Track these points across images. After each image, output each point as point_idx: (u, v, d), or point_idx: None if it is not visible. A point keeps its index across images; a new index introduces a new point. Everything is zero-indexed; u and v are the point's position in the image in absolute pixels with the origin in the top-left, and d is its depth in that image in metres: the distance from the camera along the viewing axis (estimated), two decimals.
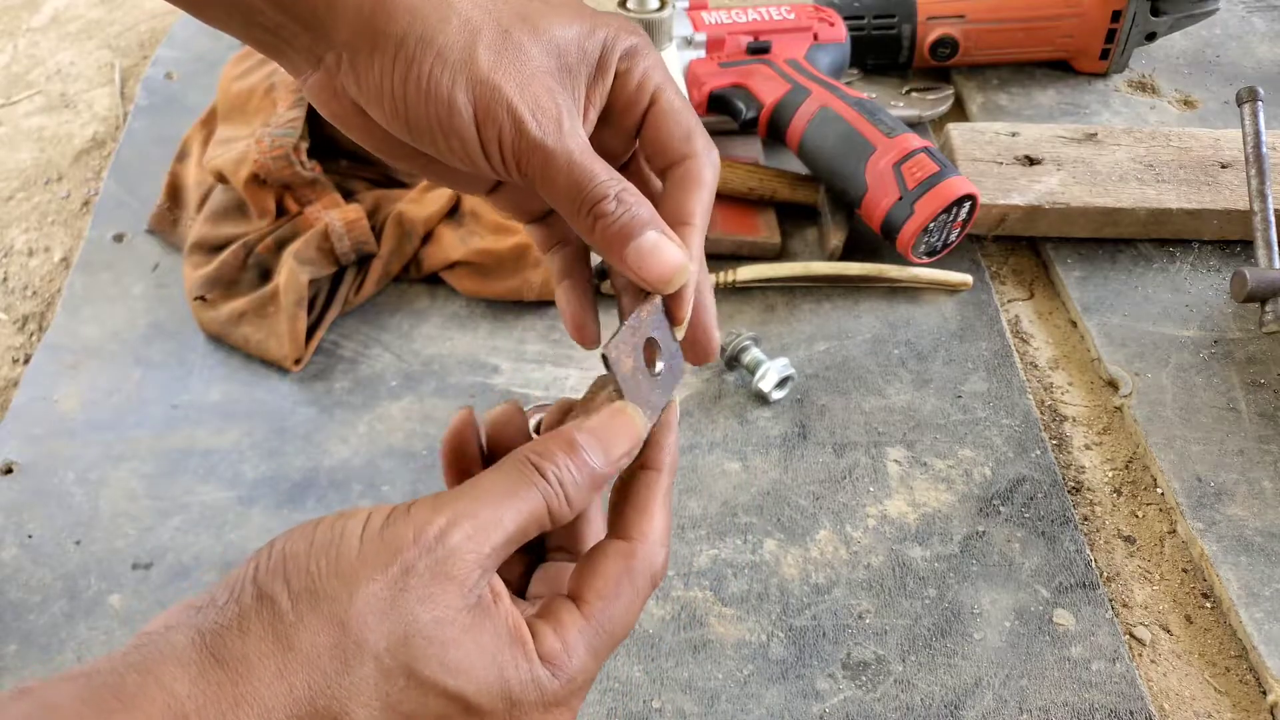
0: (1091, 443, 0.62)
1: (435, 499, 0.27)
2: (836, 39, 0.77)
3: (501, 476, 0.28)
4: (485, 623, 0.26)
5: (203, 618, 0.25)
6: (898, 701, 0.49)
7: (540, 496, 0.27)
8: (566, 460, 0.28)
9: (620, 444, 0.29)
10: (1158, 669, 0.51)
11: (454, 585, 0.26)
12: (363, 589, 0.25)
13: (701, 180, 0.31)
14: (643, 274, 0.29)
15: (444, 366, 0.63)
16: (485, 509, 0.27)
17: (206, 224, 0.67)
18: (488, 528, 0.26)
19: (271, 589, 0.25)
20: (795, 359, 0.64)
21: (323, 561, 0.25)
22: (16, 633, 0.50)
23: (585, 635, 0.28)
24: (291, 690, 0.24)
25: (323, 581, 0.25)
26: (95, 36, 0.93)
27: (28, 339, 0.67)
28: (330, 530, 0.26)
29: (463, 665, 0.26)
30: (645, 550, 0.29)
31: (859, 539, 0.55)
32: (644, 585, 0.29)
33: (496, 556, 0.27)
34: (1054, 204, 0.70)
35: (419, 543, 0.25)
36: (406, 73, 0.28)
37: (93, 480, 0.57)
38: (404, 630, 0.25)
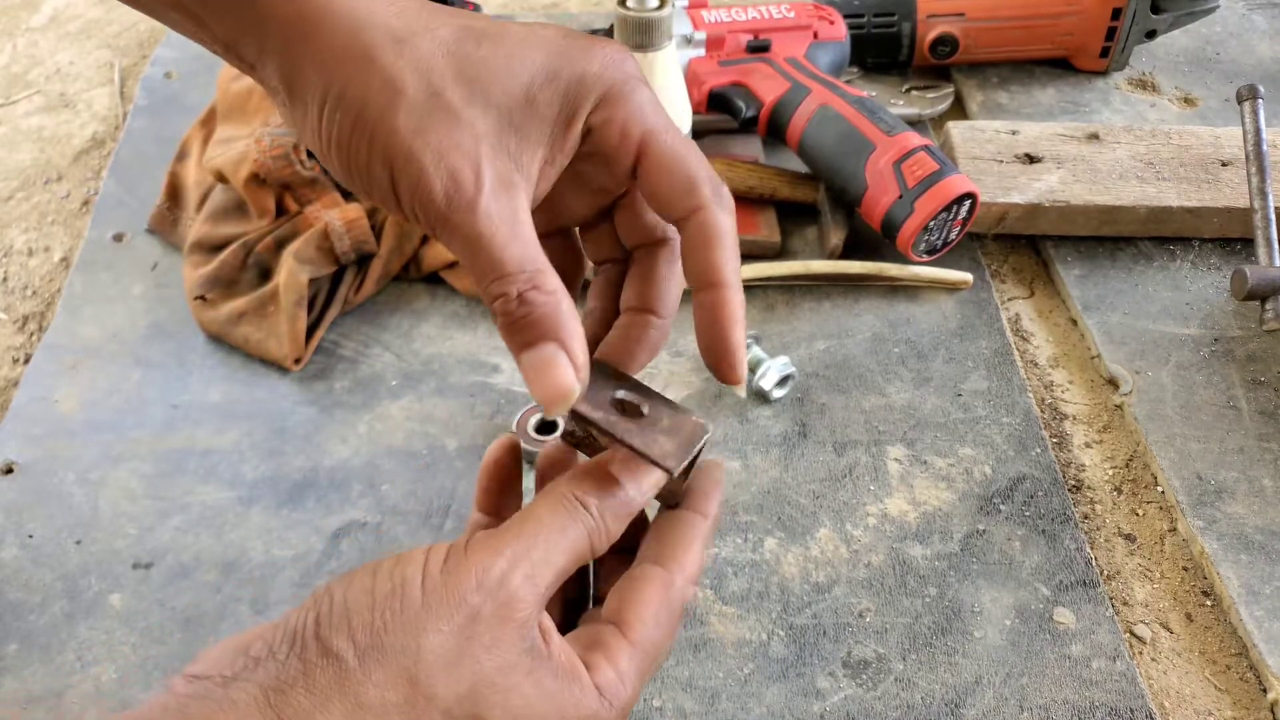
0: (1092, 441, 0.62)
1: (491, 538, 0.27)
2: (836, 37, 0.77)
3: (549, 513, 0.28)
4: (543, 664, 0.27)
5: (264, 673, 0.24)
6: (898, 700, 0.49)
7: (586, 532, 0.28)
8: (606, 491, 0.29)
9: (650, 475, 0.30)
10: (1158, 667, 0.51)
11: (515, 629, 0.26)
12: (430, 641, 0.25)
13: (719, 232, 0.29)
14: (529, 387, 0.27)
15: (444, 366, 0.63)
16: (539, 548, 0.27)
17: (206, 224, 0.67)
18: (542, 567, 0.27)
19: (336, 645, 0.25)
20: (795, 357, 0.64)
21: (387, 614, 0.25)
22: (17, 632, 0.50)
23: (634, 661, 0.29)
24: None
25: (389, 636, 0.25)
26: (94, 36, 0.93)
27: (28, 339, 0.67)
28: (390, 579, 0.26)
29: (525, 710, 0.26)
30: (683, 581, 0.30)
31: (859, 537, 0.55)
32: (677, 612, 0.30)
33: (549, 592, 0.27)
34: (1054, 202, 0.70)
35: (483, 588, 0.26)
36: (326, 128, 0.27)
37: (93, 480, 0.57)
38: (471, 680, 0.25)
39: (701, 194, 0.29)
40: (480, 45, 0.27)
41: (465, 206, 0.26)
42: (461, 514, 0.56)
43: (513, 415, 0.59)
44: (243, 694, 0.24)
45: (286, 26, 0.26)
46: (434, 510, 0.56)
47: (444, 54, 0.27)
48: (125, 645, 0.50)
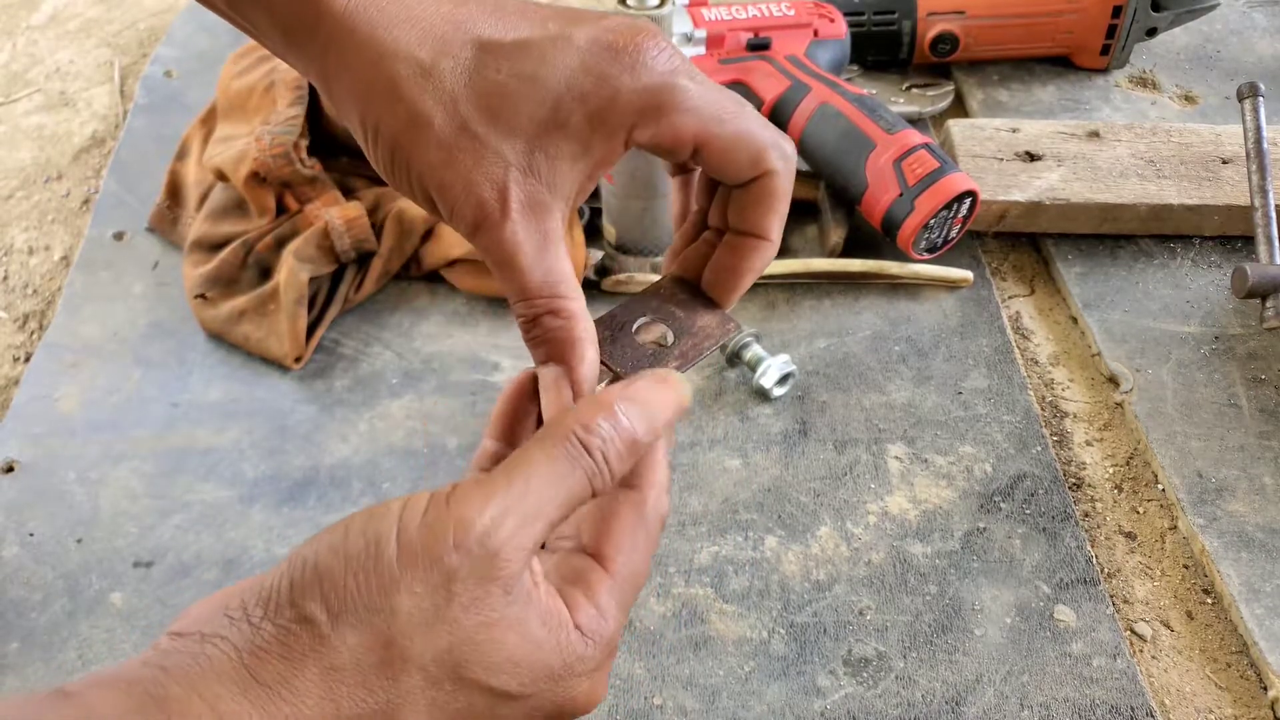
0: (1092, 439, 0.62)
1: (477, 488, 0.25)
2: (836, 35, 0.76)
3: (547, 459, 0.26)
4: (528, 612, 0.26)
5: (238, 633, 0.24)
6: (899, 698, 0.49)
7: (585, 477, 0.26)
8: (612, 433, 0.27)
9: (666, 412, 0.28)
10: (1158, 665, 0.51)
11: (498, 587, 0.25)
12: (404, 602, 0.24)
13: (780, 196, 0.30)
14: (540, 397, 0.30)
15: (444, 364, 0.63)
16: (530, 498, 0.25)
17: (206, 222, 0.67)
18: (533, 519, 0.25)
19: (309, 609, 0.24)
20: (796, 356, 0.64)
21: (360, 575, 0.24)
22: (18, 631, 0.50)
23: (614, 594, 0.28)
24: (338, 710, 0.24)
25: (362, 597, 0.24)
26: (94, 35, 0.93)
27: (28, 337, 0.67)
28: (363, 537, 0.25)
29: (507, 663, 0.25)
30: (654, 496, 0.29)
31: (860, 536, 0.55)
32: (655, 531, 0.29)
33: (538, 544, 0.26)
34: (1054, 200, 0.70)
35: (461, 547, 0.24)
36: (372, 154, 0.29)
37: (93, 479, 0.57)
38: (449, 639, 0.24)
39: (766, 161, 0.30)
40: (501, 68, 0.28)
41: (492, 232, 0.28)
42: None
43: None
44: (217, 652, 0.24)
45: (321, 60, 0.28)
46: None
47: (466, 82, 0.27)
48: (126, 643, 0.50)
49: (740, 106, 0.30)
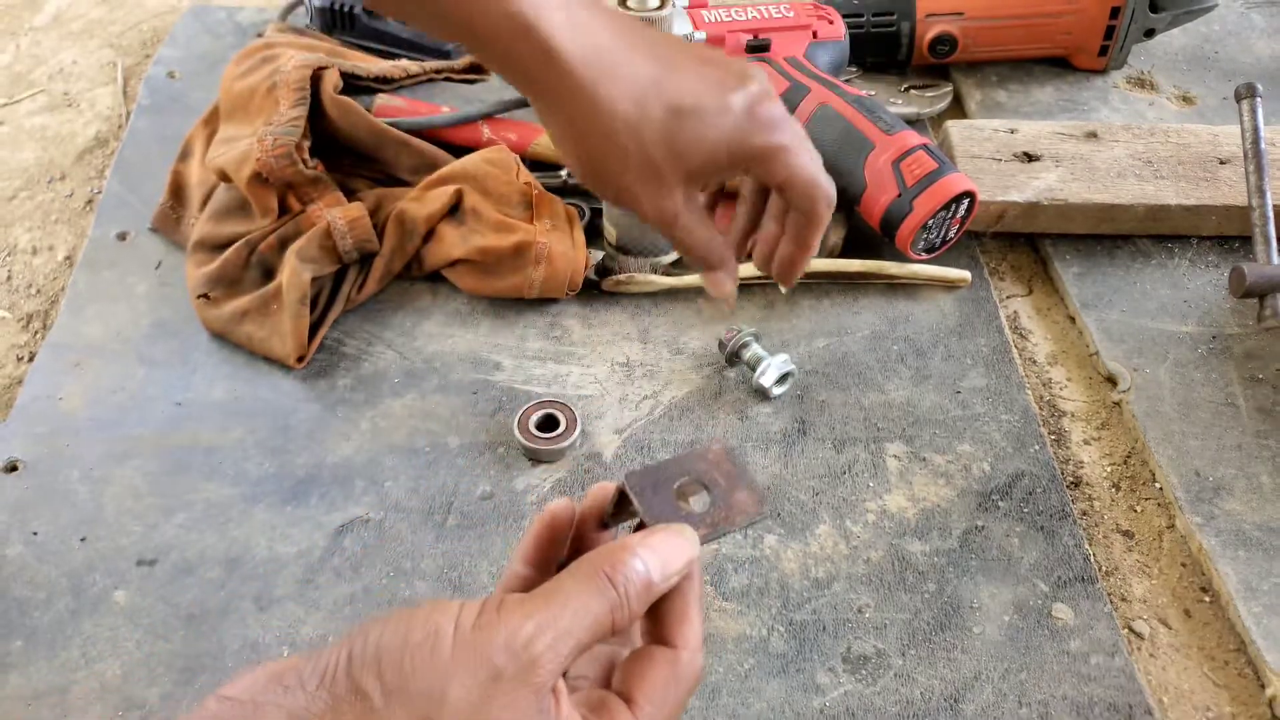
0: (1090, 438, 0.62)
1: (523, 603, 0.29)
2: (835, 36, 0.77)
3: (578, 586, 0.30)
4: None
5: (293, 701, 0.26)
6: (898, 695, 0.49)
7: (609, 609, 0.29)
8: (633, 574, 0.30)
9: (677, 563, 0.31)
10: (1156, 663, 0.52)
11: (532, 692, 0.27)
12: (454, 691, 0.26)
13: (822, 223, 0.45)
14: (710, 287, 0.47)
15: (446, 364, 0.64)
16: (565, 618, 0.28)
17: (209, 222, 0.67)
18: (566, 637, 0.28)
19: (365, 683, 0.26)
20: (795, 355, 0.64)
21: (417, 660, 0.27)
22: (22, 629, 0.50)
23: None
24: None
25: (416, 680, 0.26)
26: (97, 35, 0.94)
27: (32, 337, 0.67)
28: (424, 627, 0.28)
29: None
30: (688, 657, 0.31)
31: (859, 534, 0.56)
32: (687, 688, 0.31)
33: (568, 662, 0.29)
34: (1052, 200, 0.70)
35: (509, 650, 0.27)
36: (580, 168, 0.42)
37: (97, 478, 0.57)
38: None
39: (819, 208, 0.44)
40: (683, 126, 0.40)
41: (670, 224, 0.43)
42: (464, 510, 0.56)
43: (514, 413, 0.59)
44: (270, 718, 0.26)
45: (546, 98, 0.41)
46: (436, 507, 0.56)
47: (660, 137, 0.40)
48: (130, 642, 0.50)
49: (815, 157, 0.44)
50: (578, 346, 0.65)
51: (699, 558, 0.33)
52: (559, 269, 0.65)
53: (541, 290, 0.66)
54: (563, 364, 0.64)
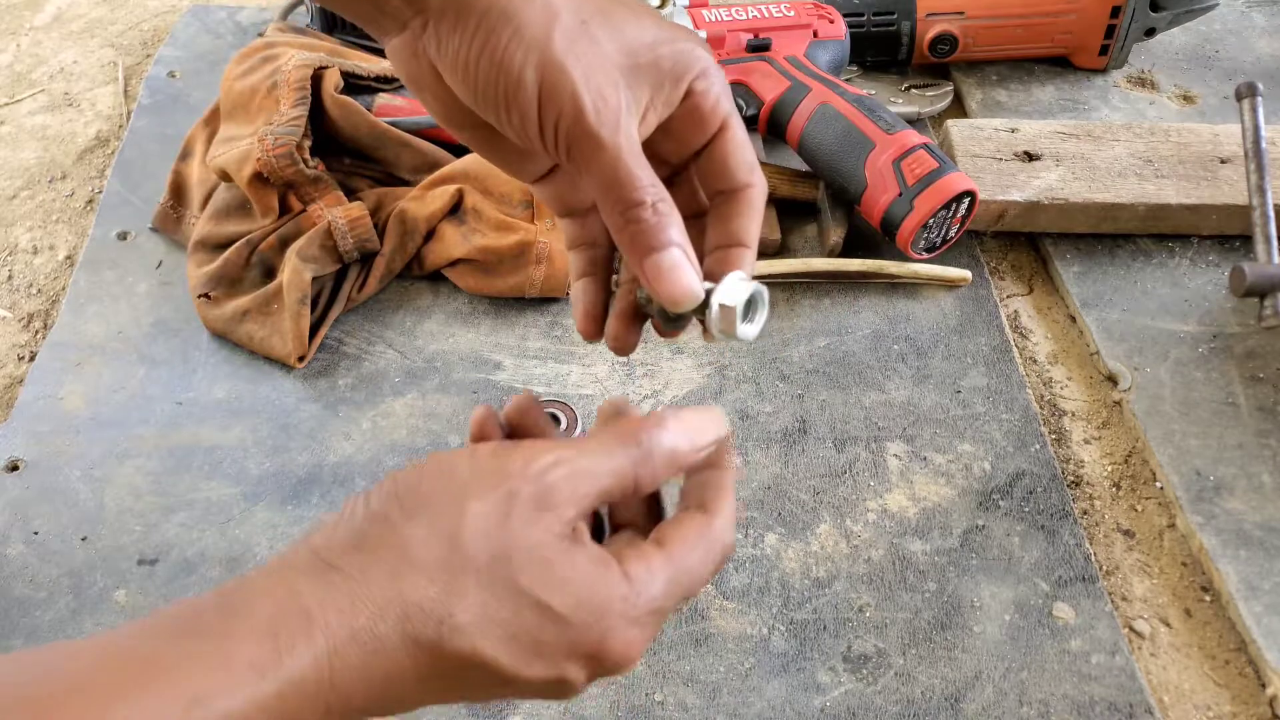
0: (1090, 437, 0.62)
1: (541, 442, 0.29)
2: (836, 36, 0.77)
3: (604, 437, 0.30)
4: (576, 548, 0.28)
5: (316, 539, 0.28)
6: (898, 694, 0.49)
7: (632, 463, 0.29)
8: (659, 438, 0.30)
9: (707, 434, 0.31)
10: (1157, 662, 0.52)
11: (552, 515, 0.28)
12: (472, 507, 0.27)
13: (757, 208, 0.34)
14: (656, 286, 0.31)
15: (447, 363, 0.64)
16: (585, 459, 0.29)
17: (210, 222, 0.67)
18: (584, 475, 0.28)
19: (385, 508, 0.28)
20: (796, 354, 0.64)
21: (435, 483, 0.28)
22: (23, 628, 0.50)
23: (666, 568, 0.29)
24: (402, 593, 0.26)
25: (435, 499, 0.27)
26: (98, 35, 0.94)
27: (33, 336, 0.67)
28: (440, 462, 0.29)
29: (554, 580, 0.27)
30: (721, 522, 0.31)
31: (859, 533, 0.56)
32: (718, 552, 0.31)
33: (587, 503, 0.29)
34: (1053, 200, 0.70)
35: (525, 473, 0.28)
36: (484, 43, 0.29)
37: (98, 477, 0.57)
38: (506, 546, 0.27)
39: (757, 174, 0.34)
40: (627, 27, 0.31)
41: (611, 124, 0.29)
42: None
43: None
44: (296, 554, 0.27)
45: None
46: None
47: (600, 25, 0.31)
48: None
49: None
50: (578, 346, 0.65)
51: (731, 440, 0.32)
52: (560, 268, 0.65)
53: (542, 290, 0.66)
54: (563, 363, 0.64)
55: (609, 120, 0.29)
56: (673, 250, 0.31)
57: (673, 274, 0.31)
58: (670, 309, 0.31)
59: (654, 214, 0.30)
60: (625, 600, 0.28)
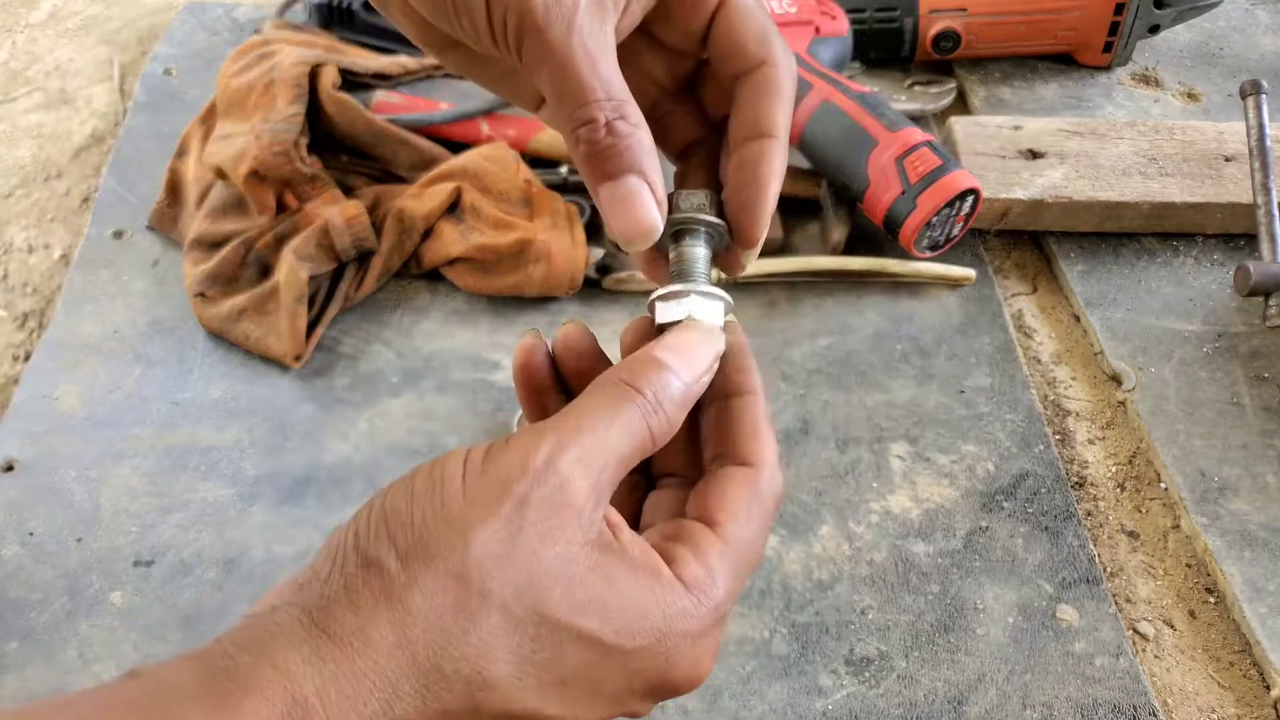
0: (1095, 438, 0.62)
1: (535, 428, 0.25)
2: (838, 32, 0.76)
3: (598, 398, 0.25)
4: (613, 557, 0.24)
5: (308, 594, 0.23)
6: (901, 697, 0.49)
7: (641, 416, 0.25)
8: (656, 376, 0.26)
9: (703, 356, 0.27)
10: (1161, 664, 0.51)
11: (571, 515, 0.23)
12: (477, 534, 0.22)
13: (780, 88, 0.28)
14: (609, 221, 0.26)
15: (445, 363, 0.63)
16: (588, 433, 0.24)
17: (206, 220, 0.67)
18: (595, 450, 0.24)
19: (376, 553, 0.23)
20: (798, 354, 0.64)
21: (428, 511, 0.23)
22: (18, 630, 0.50)
23: (724, 558, 0.26)
24: (415, 659, 0.22)
25: (431, 533, 0.23)
26: (94, 33, 0.93)
27: (28, 336, 0.67)
28: (429, 477, 0.24)
29: (595, 603, 0.23)
30: (767, 474, 0.28)
31: (862, 535, 0.55)
32: (770, 508, 0.27)
33: (608, 482, 0.25)
34: (1057, 198, 0.69)
35: (528, 473, 0.23)
36: None
37: (93, 477, 0.56)
38: (528, 573, 0.23)
39: (773, 48, 0.28)
40: None
41: (563, 21, 0.25)
42: None
43: (513, 413, 0.59)
44: (287, 616, 0.22)
45: None
46: None
47: None
48: (126, 643, 0.50)
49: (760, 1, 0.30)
50: None
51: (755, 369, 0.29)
52: (559, 267, 0.65)
53: (541, 288, 0.65)
54: None
55: (559, 17, 0.25)
56: (628, 179, 0.26)
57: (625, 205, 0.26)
58: (623, 247, 0.28)
59: (607, 133, 0.25)
60: (686, 615, 0.24)
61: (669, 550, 0.26)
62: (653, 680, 0.24)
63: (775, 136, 0.28)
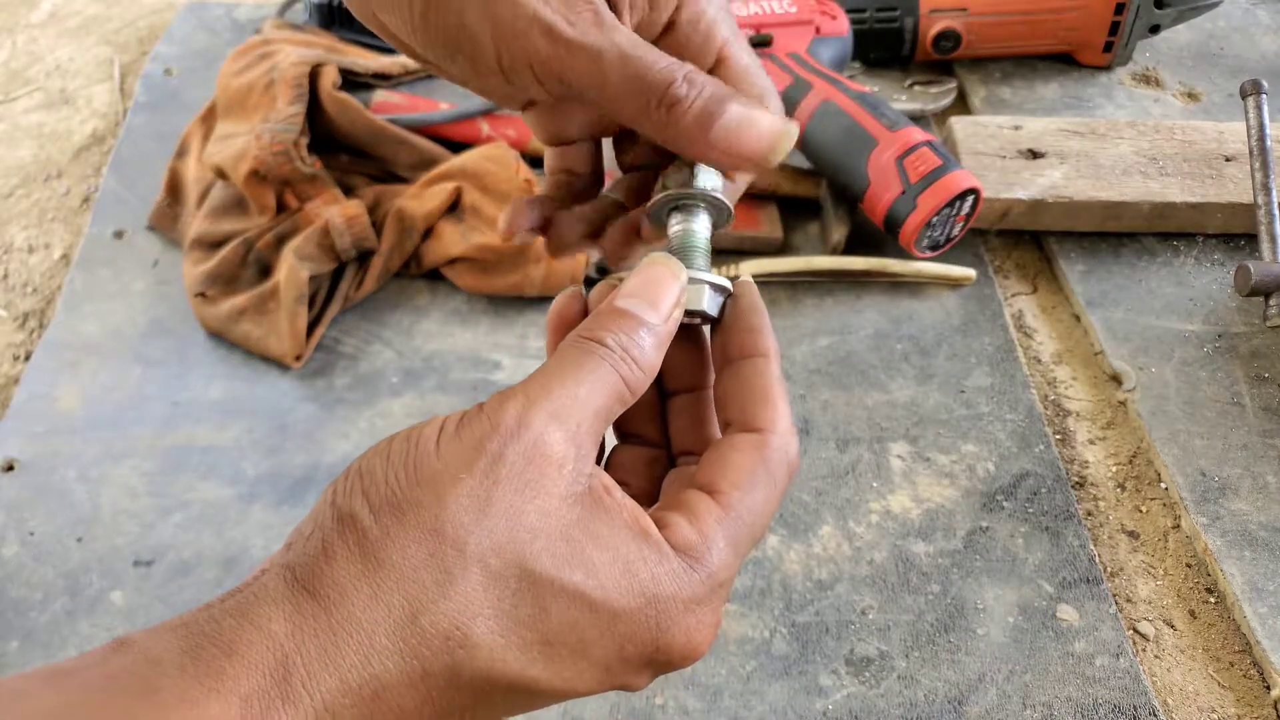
0: (1095, 437, 0.62)
1: (504, 392, 0.25)
2: (838, 32, 0.76)
3: (563, 358, 0.25)
4: (599, 513, 0.24)
5: (291, 554, 0.23)
6: (901, 697, 0.49)
7: (609, 366, 0.25)
8: (618, 325, 0.26)
9: (665, 293, 0.27)
10: (1161, 664, 0.51)
11: (551, 468, 0.23)
12: (451, 490, 0.22)
13: None
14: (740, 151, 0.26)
15: (445, 363, 0.63)
16: (557, 389, 0.24)
17: (206, 220, 0.67)
18: (567, 404, 0.24)
19: (351, 508, 0.23)
20: (798, 354, 0.64)
21: (401, 472, 0.23)
22: (18, 630, 0.50)
23: (724, 526, 0.25)
24: (390, 610, 0.22)
25: (405, 491, 0.23)
26: (94, 32, 0.93)
27: (28, 336, 0.67)
28: (405, 442, 0.24)
29: (578, 557, 0.23)
30: (778, 440, 0.27)
31: (862, 535, 0.55)
32: (781, 476, 0.26)
33: (587, 436, 0.24)
34: (1057, 198, 0.69)
35: (500, 431, 0.23)
36: None
37: (93, 477, 0.56)
38: (507, 525, 0.22)
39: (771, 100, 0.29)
40: None
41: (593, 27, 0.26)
42: None
43: None
44: (271, 578, 0.23)
45: None
46: None
47: None
48: None
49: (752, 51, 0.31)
50: None
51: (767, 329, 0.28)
52: (559, 267, 0.65)
53: (541, 288, 0.65)
54: None
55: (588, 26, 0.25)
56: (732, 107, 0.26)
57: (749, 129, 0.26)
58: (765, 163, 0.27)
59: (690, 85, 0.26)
60: (676, 578, 0.24)
61: (664, 517, 0.25)
62: (644, 648, 0.24)
63: None
